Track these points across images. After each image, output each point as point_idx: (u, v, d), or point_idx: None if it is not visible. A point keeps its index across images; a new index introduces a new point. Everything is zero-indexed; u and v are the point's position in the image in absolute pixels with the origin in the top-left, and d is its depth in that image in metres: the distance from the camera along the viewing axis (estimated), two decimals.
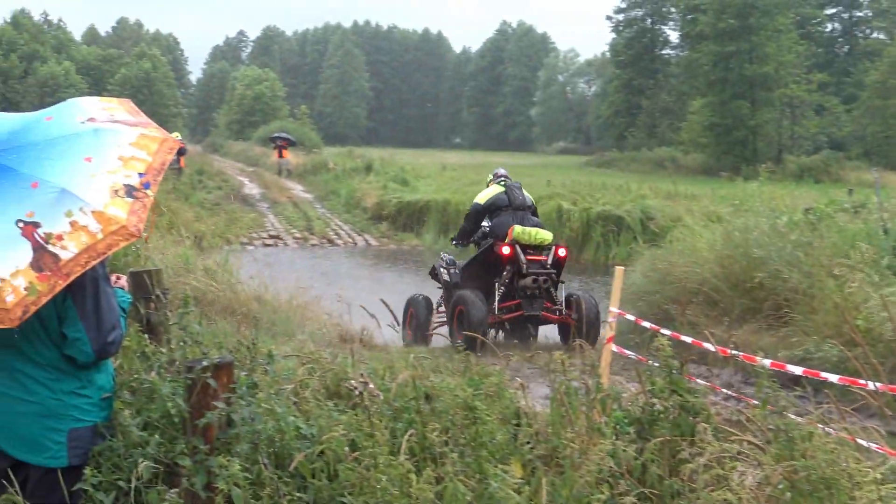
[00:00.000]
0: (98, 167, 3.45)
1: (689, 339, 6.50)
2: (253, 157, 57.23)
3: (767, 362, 4.97)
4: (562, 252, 11.68)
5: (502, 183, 12.14)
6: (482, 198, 12.10)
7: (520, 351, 8.83)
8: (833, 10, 79.90)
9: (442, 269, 12.71)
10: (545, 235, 11.55)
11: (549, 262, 11.51)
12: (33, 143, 3.51)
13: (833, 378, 5.62)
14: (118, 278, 4.26)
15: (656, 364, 4.37)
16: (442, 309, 12.64)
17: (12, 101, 71.56)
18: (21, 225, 3.27)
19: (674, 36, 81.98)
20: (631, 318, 8.33)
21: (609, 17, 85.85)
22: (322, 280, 16.21)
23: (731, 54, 54.84)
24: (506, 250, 11.22)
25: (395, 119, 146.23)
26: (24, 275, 3.21)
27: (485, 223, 12.01)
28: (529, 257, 11.35)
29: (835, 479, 3.27)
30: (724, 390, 4.94)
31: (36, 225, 3.27)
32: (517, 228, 11.29)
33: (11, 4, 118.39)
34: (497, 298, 11.41)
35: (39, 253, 3.23)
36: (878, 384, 5.02)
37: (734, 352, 4.79)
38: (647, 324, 8.14)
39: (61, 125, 3.62)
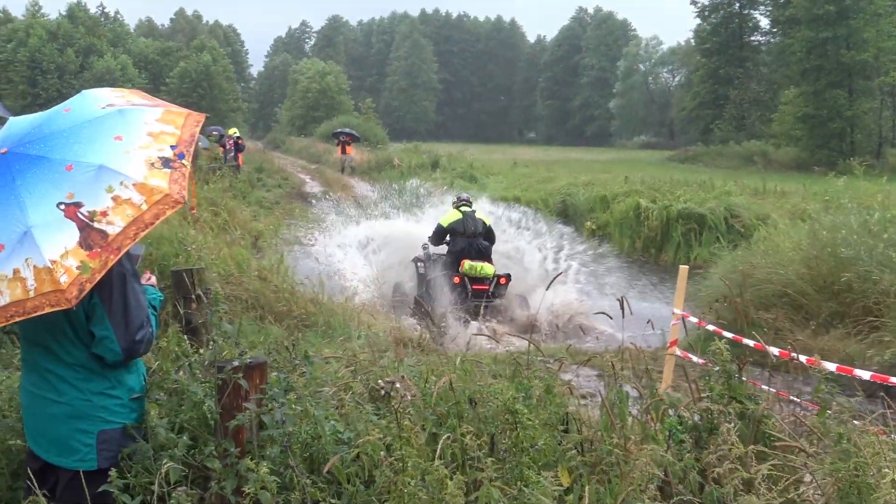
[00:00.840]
0: (130, 144, 3.63)
1: (750, 343, 6.42)
2: (315, 154, 57.77)
3: (832, 366, 4.90)
4: (502, 280, 15.21)
5: (462, 209, 15.77)
6: (444, 220, 15.76)
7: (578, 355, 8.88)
8: None
9: (419, 263, 16.49)
10: (488, 270, 15.11)
11: (491, 290, 15.08)
12: (58, 131, 3.69)
13: None
14: (149, 277, 4.37)
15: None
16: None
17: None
18: (63, 207, 3.43)
19: (764, 21, 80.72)
20: (694, 320, 8.25)
21: (694, 2, 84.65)
22: (383, 281, 16.32)
23: (826, 40, 53.76)
24: (456, 281, 15.02)
25: (466, 113, 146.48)
26: (74, 254, 3.36)
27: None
28: (475, 286, 15.00)
29: (867, 483, 3.24)
30: (793, 397, 4.87)
31: (78, 205, 3.43)
32: (466, 264, 15.02)
33: None
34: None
35: (86, 231, 3.39)
36: None
37: (794, 355, 4.72)
38: (710, 326, 8.06)
39: (83, 112, 3.80)
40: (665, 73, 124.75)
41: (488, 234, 15.72)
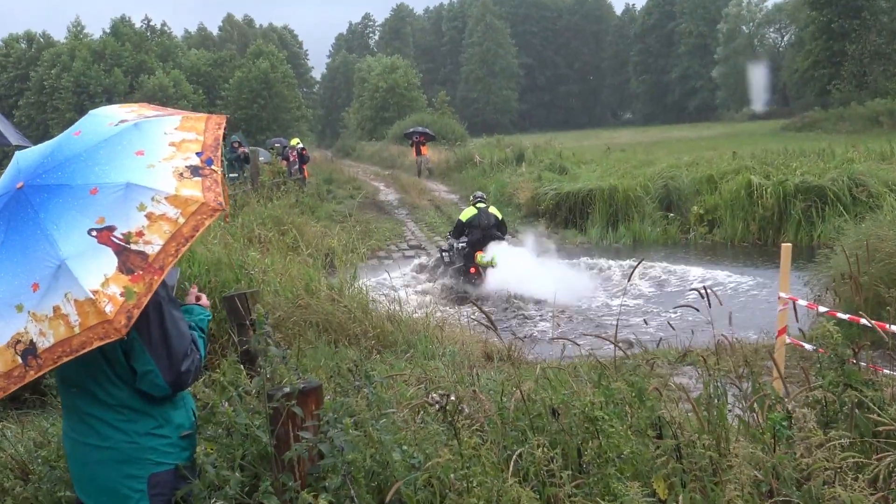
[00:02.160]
0: (153, 157, 3.70)
1: (869, 323, 6.25)
2: (389, 159, 58.05)
3: None
4: None
5: (478, 206, 20.02)
6: (464, 216, 20.03)
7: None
8: None
9: (443, 253, 21.06)
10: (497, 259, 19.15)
11: None
12: (73, 156, 3.76)
13: None
14: (198, 298, 4.40)
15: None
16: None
17: None
18: (94, 233, 3.50)
19: None
20: (803, 303, 8.08)
21: None
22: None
23: None
24: (472, 271, 19.30)
25: (552, 99, 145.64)
26: (116, 281, 3.42)
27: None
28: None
29: None
30: None
31: (111, 228, 3.50)
32: (479, 256, 19.07)
33: (111, 12, 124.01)
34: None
35: (124, 255, 3.46)
36: None
37: None
38: (822, 308, 7.89)
39: (95, 133, 3.87)
40: (772, 32, 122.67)
41: (500, 226, 19.91)
